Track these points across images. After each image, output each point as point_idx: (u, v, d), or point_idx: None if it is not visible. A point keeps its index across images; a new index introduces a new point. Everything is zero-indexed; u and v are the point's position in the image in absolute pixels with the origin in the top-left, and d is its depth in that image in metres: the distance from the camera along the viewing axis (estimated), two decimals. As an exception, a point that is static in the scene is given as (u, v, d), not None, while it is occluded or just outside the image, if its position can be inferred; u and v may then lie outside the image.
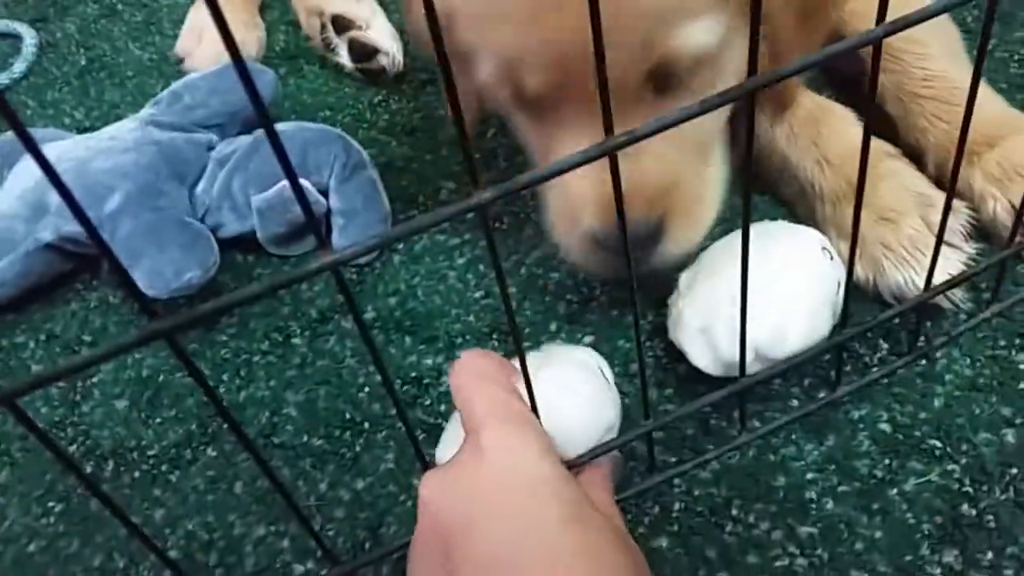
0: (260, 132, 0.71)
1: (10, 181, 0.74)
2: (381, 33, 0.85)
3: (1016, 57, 0.74)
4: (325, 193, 0.69)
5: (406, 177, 0.75)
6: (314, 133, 0.70)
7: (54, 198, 0.69)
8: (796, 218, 0.64)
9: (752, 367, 0.50)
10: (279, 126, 0.72)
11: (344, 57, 0.85)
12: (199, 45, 0.92)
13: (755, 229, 0.56)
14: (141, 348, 0.66)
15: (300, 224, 0.68)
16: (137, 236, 0.63)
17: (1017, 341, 0.56)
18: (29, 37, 1.01)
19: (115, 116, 0.88)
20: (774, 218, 0.64)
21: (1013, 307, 0.57)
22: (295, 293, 0.67)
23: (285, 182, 0.67)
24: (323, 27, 0.87)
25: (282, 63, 0.88)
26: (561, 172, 0.34)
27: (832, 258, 0.53)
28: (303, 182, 0.68)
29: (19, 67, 0.98)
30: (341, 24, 0.85)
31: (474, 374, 0.43)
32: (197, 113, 0.73)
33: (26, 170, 0.73)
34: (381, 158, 0.76)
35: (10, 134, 0.79)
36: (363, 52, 0.83)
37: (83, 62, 0.97)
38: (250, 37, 0.92)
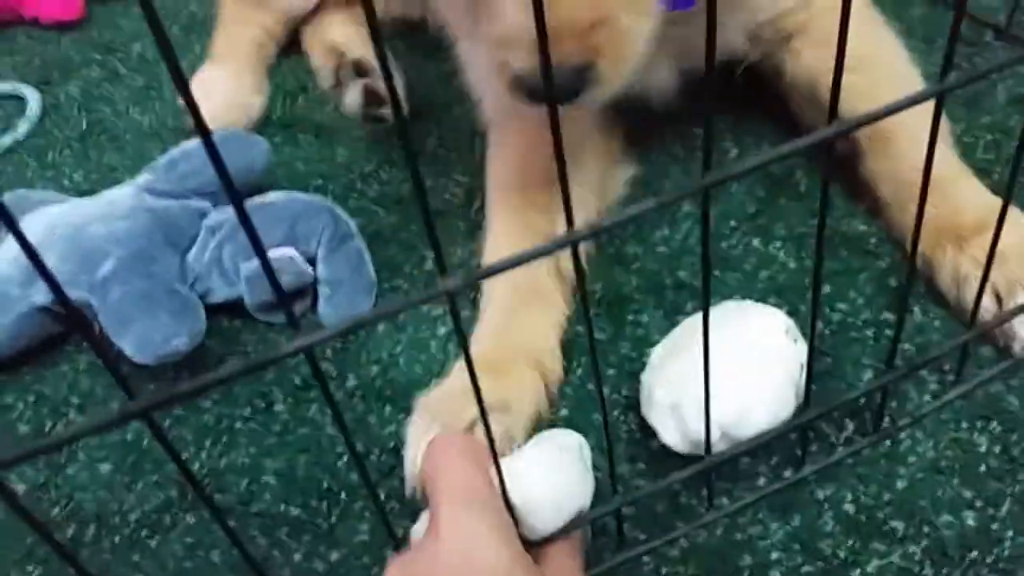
0: (252, 202, 0.73)
1: (6, 244, 0.76)
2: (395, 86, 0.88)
3: (983, 142, 0.77)
4: (313, 262, 0.71)
5: (393, 247, 0.77)
6: (304, 204, 0.73)
7: (49, 261, 0.70)
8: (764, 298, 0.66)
9: (718, 445, 0.51)
10: (270, 196, 0.75)
11: (353, 99, 0.87)
12: (204, 106, 0.95)
13: (723, 308, 0.58)
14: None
15: (287, 292, 0.70)
16: (128, 302, 0.65)
17: (979, 423, 0.57)
18: (33, 99, 1.04)
19: (114, 180, 0.91)
20: (747, 296, 0.66)
21: (975, 389, 0.59)
22: (281, 361, 0.69)
23: (274, 252, 0.69)
24: (339, 67, 0.90)
25: (277, 132, 0.91)
26: (523, 261, 0.35)
27: (796, 340, 0.55)
28: (291, 251, 0.70)
29: (23, 128, 1.00)
30: (360, 69, 0.89)
31: (446, 451, 0.45)
32: (192, 181, 0.75)
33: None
34: (370, 227, 0.78)
35: (8, 195, 0.82)
36: (374, 100, 0.87)
37: (84, 125, 1.00)
38: (254, 100, 0.95)
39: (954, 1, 0.37)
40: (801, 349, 0.54)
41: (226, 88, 0.95)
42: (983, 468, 0.55)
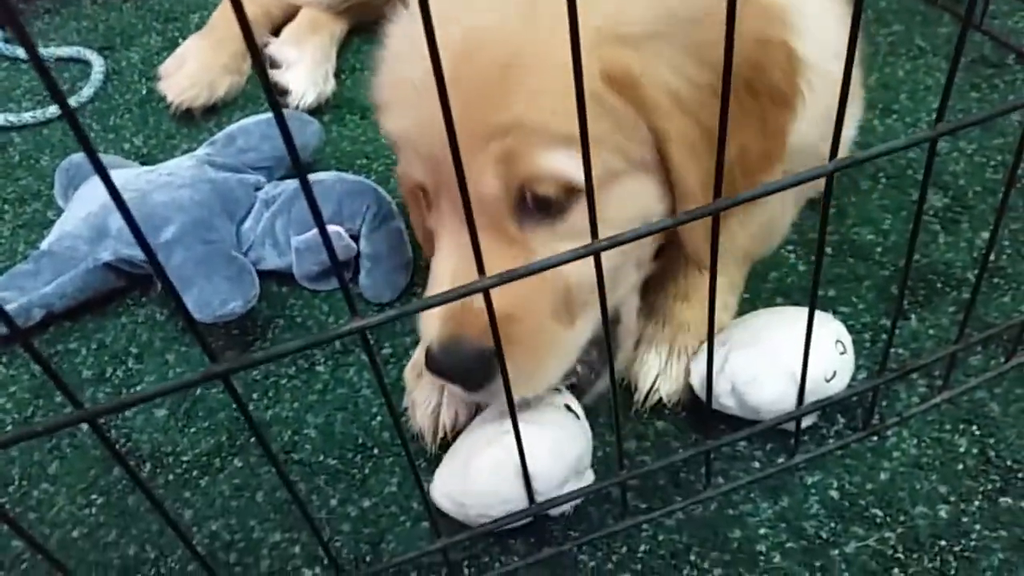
0: (303, 178, 0.79)
1: (75, 203, 0.82)
2: (296, 77, 0.98)
3: (992, 163, 0.81)
4: (356, 238, 0.77)
5: (430, 226, 0.82)
6: (350, 184, 0.78)
7: (115, 223, 0.77)
8: (772, 297, 0.71)
9: (728, 399, 0.59)
10: (320, 175, 0.80)
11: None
12: (176, 72, 1.01)
13: (794, 311, 0.62)
14: (181, 364, 0.74)
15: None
16: (189, 265, 0.71)
17: (961, 426, 0.62)
18: (97, 64, 1.10)
19: (170, 146, 0.97)
20: (756, 295, 0.71)
21: (960, 395, 0.64)
22: (322, 325, 0.75)
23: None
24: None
25: (327, 112, 0.97)
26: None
27: (843, 353, 0.59)
28: (337, 228, 0.76)
29: (87, 92, 1.07)
30: (270, 63, 1.00)
31: None
32: (249, 156, 0.81)
33: (91, 194, 0.81)
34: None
35: (76, 156, 0.88)
36: (276, 90, 0.94)
37: (144, 92, 1.06)
38: (222, 80, 1.01)
39: (954, 54, 0.42)
40: (847, 360, 0.59)
41: (198, 64, 1.01)
42: (960, 467, 0.60)
